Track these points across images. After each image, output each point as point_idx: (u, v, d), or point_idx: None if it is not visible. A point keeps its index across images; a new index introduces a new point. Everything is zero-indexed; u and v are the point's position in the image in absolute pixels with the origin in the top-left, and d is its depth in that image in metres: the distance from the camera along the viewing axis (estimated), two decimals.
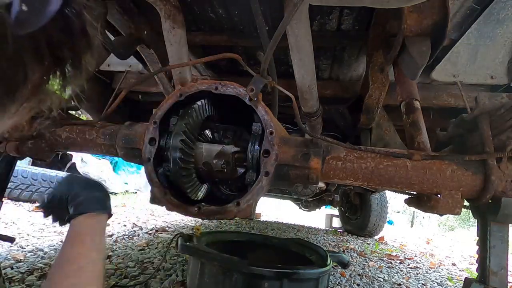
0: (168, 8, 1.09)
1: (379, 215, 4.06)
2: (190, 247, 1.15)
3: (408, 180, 0.82)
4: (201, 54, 1.57)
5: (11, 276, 1.36)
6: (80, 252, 0.64)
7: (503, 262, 0.80)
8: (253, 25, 1.29)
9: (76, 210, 0.71)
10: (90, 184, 0.79)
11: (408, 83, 1.09)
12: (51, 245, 1.99)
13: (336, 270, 2.10)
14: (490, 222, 0.82)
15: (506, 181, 0.77)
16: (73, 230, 0.68)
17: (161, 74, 1.45)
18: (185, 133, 0.77)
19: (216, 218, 0.77)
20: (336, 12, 1.21)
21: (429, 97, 1.55)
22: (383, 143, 1.49)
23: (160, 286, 1.45)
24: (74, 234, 0.68)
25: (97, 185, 0.80)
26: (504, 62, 1.32)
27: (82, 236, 0.67)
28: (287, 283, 1.06)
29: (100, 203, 0.75)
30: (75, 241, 0.66)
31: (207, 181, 0.90)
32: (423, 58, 0.86)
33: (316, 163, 0.79)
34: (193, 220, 3.89)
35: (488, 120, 0.81)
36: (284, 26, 0.75)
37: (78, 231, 0.68)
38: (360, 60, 1.53)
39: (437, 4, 0.87)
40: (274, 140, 0.77)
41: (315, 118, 1.44)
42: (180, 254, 1.95)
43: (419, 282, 2.19)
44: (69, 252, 0.65)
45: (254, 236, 1.71)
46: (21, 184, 3.57)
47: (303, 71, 1.13)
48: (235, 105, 0.82)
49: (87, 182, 0.79)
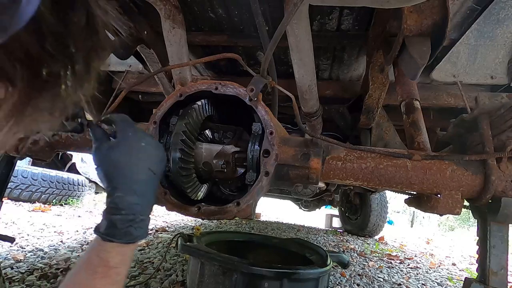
0: (168, 8, 1.09)
1: (379, 215, 4.06)
2: (190, 247, 1.15)
3: (408, 180, 0.82)
4: (201, 54, 1.57)
5: (11, 276, 1.36)
6: (97, 287, 0.54)
7: (503, 262, 0.80)
8: (253, 25, 1.29)
9: (109, 232, 0.57)
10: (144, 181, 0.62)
11: (408, 83, 1.09)
12: (51, 245, 1.99)
13: (336, 270, 2.10)
14: (490, 222, 0.82)
15: (506, 181, 0.77)
16: (99, 256, 0.56)
17: (161, 74, 1.45)
18: (185, 133, 0.77)
19: (216, 218, 0.77)
20: (336, 12, 1.21)
21: (429, 97, 1.55)
22: (383, 143, 1.49)
23: (160, 286, 1.45)
24: (98, 261, 0.55)
25: (152, 184, 0.64)
26: (504, 62, 1.32)
27: (107, 267, 0.55)
28: (287, 283, 1.06)
29: (144, 227, 0.61)
30: (96, 272, 0.55)
31: (207, 181, 0.90)
32: (423, 58, 0.86)
33: (316, 163, 0.78)
34: (193, 220, 3.89)
35: (488, 120, 0.81)
36: (284, 26, 0.75)
37: (105, 259, 0.56)
38: (360, 60, 1.53)
39: (437, 4, 0.87)
40: (274, 140, 0.77)
41: (315, 118, 1.44)
42: (180, 254, 1.95)
43: (419, 282, 2.19)
44: (84, 281, 0.54)
45: (254, 236, 1.71)
46: (21, 184, 3.58)
47: (303, 71, 1.13)
48: (235, 105, 0.82)
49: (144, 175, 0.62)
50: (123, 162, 0.61)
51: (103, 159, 0.62)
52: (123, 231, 0.57)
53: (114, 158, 0.61)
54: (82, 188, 4.28)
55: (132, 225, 0.58)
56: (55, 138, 1.07)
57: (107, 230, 0.57)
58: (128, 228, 0.58)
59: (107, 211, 0.58)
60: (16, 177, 3.53)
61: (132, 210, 0.59)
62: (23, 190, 3.59)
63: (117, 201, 0.58)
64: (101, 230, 0.57)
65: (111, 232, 0.57)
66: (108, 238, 0.56)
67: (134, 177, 0.61)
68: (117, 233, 0.57)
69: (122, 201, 0.58)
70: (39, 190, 3.70)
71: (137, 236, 0.59)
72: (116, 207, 0.58)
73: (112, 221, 0.57)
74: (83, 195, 4.36)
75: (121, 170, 0.60)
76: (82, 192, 4.30)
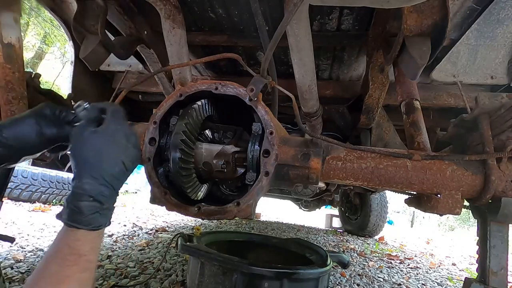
0: (168, 8, 1.09)
1: (379, 215, 4.06)
2: (190, 247, 1.15)
3: (408, 180, 0.82)
4: (201, 54, 1.57)
5: (11, 276, 1.36)
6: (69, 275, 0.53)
7: (503, 262, 0.80)
8: (253, 25, 1.29)
9: (74, 218, 0.57)
10: (113, 162, 0.62)
11: (408, 83, 1.09)
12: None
13: (336, 270, 2.10)
14: (490, 222, 0.82)
15: (506, 181, 0.77)
16: (67, 244, 0.56)
17: (161, 74, 1.45)
18: (185, 133, 0.77)
19: (216, 218, 0.77)
20: (336, 12, 1.21)
21: (429, 97, 1.55)
22: (383, 143, 1.50)
23: (160, 286, 1.45)
24: (68, 250, 0.55)
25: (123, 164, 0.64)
26: (504, 62, 1.32)
27: (77, 255, 0.55)
28: (287, 283, 1.06)
29: (108, 216, 0.62)
30: (66, 260, 0.54)
31: (207, 181, 0.90)
32: (423, 58, 0.86)
33: (316, 163, 0.78)
34: (193, 220, 3.89)
35: (488, 120, 0.81)
36: (284, 26, 0.75)
37: (73, 247, 0.55)
38: (360, 60, 1.53)
39: (437, 4, 0.87)
40: (274, 140, 0.76)
41: (315, 118, 1.44)
42: (180, 254, 1.95)
43: (419, 282, 2.19)
44: (55, 270, 0.53)
45: (254, 236, 1.71)
46: (21, 184, 3.58)
47: (303, 71, 1.13)
48: (235, 105, 0.82)
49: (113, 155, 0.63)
50: (103, 150, 0.62)
51: (83, 141, 0.62)
52: (89, 217, 0.58)
53: (95, 144, 0.62)
54: None
55: (98, 211, 0.59)
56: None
57: (72, 217, 0.57)
58: (94, 215, 0.58)
59: (73, 196, 0.58)
60: (16, 177, 3.53)
61: (100, 198, 0.60)
62: (23, 190, 3.59)
63: (87, 187, 0.59)
64: (64, 217, 0.57)
65: (76, 218, 0.57)
66: (73, 224, 0.57)
67: (109, 168, 0.62)
68: (83, 220, 0.57)
69: (93, 188, 0.59)
70: (39, 190, 3.70)
71: (102, 223, 0.60)
72: (84, 193, 0.58)
73: (78, 207, 0.57)
74: None
75: (98, 157, 0.61)
76: None
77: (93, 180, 0.59)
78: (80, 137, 0.63)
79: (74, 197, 0.58)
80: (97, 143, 0.62)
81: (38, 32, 11.61)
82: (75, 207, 0.57)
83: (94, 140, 0.62)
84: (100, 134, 0.63)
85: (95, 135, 0.63)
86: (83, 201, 0.58)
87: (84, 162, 0.61)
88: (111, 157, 0.63)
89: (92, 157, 0.61)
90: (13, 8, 0.86)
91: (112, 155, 0.63)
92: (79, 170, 0.60)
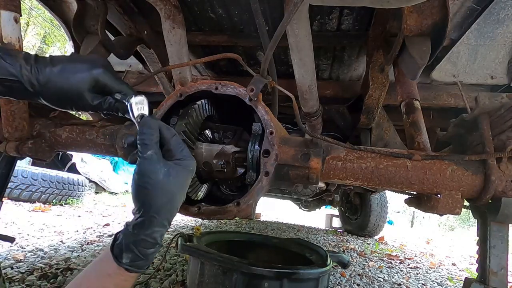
0: (168, 8, 1.09)
1: (379, 215, 4.06)
2: (190, 247, 1.15)
3: (408, 180, 0.82)
4: (201, 54, 1.57)
5: (11, 276, 1.36)
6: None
7: (503, 262, 0.80)
8: (253, 25, 1.29)
9: (137, 264, 0.54)
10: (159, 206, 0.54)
11: (408, 83, 1.09)
12: (51, 245, 1.99)
13: (336, 270, 2.10)
14: (490, 222, 0.82)
15: (506, 181, 0.77)
16: (115, 284, 0.53)
17: (161, 74, 1.45)
18: (185, 133, 0.77)
19: (216, 218, 0.77)
20: (336, 12, 1.21)
21: (429, 97, 1.55)
22: (383, 143, 1.49)
23: (160, 286, 1.45)
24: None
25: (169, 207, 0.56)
26: (504, 62, 1.32)
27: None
28: (287, 283, 1.06)
29: (150, 257, 0.56)
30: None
31: (207, 181, 0.90)
32: (423, 58, 0.86)
33: (316, 163, 0.78)
34: (193, 220, 3.89)
35: (488, 120, 0.81)
36: (284, 26, 0.75)
37: (121, 287, 0.54)
38: (360, 60, 1.53)
39: (437, 4, 0.87)
40: (274, 140, 0.76)
41: (315, 118, 1.44)
42: (180, 254, 1.95)
43: (419, 282, 2.19)
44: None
45: (254, 236, 1.71)
46: (21, 184, 3.58)
47: (303, 71, 1.13)
48: (235, 105, 0.82)
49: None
50: (177, 197, 0.56)
51: (159, 185, 0.53)
52: (149, 262, 0.55)
53: (170, 190, 0.54)
54: (82, 188, 4.28)
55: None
56: None
57: (136, 263, 0.53)
58: (152, 259, 0.56)
59: (141, 243, 0.53)
60: (16, 177, 3.53)
61: (161, 242, 0.56)
62: (23, 190, 3.59)
63: (158, 236, 0.55)
64: (126, 261, 0.53)
65: (139, 264, 0.54)
66: (135, 270, 0.53)
67: (175, 211, 0.57)
68: (145, 265, 0.54)
69: (161, 236, 0.55)
70: (39, 190, 3.70)
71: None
72: (155, 242, 0.54)
73: (145, 254, 0.54)
74: (83, 195, 4.36)
75: (171, 204, 0.55)
76: (82, 192, 4.30)
77: (163, 228, 0.55)
78: (156, 178, 0.53)
79: (142, 244, 0.53)
80: (172, 189, 0.55)
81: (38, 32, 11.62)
82: (142, 254, 0.53)
83: (169, 186, 0.54)
84: (175, 178, 0.55)
85: (170, 179, 0.54)
86: (150, 248, 0.54)
87: (158, 210, 0.53)
88: (179, 202, 0.57)
89: (165, 204, 0.54)
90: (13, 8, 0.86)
91: (180, 200, 0.58)
92: (151, 217, 0.53)
